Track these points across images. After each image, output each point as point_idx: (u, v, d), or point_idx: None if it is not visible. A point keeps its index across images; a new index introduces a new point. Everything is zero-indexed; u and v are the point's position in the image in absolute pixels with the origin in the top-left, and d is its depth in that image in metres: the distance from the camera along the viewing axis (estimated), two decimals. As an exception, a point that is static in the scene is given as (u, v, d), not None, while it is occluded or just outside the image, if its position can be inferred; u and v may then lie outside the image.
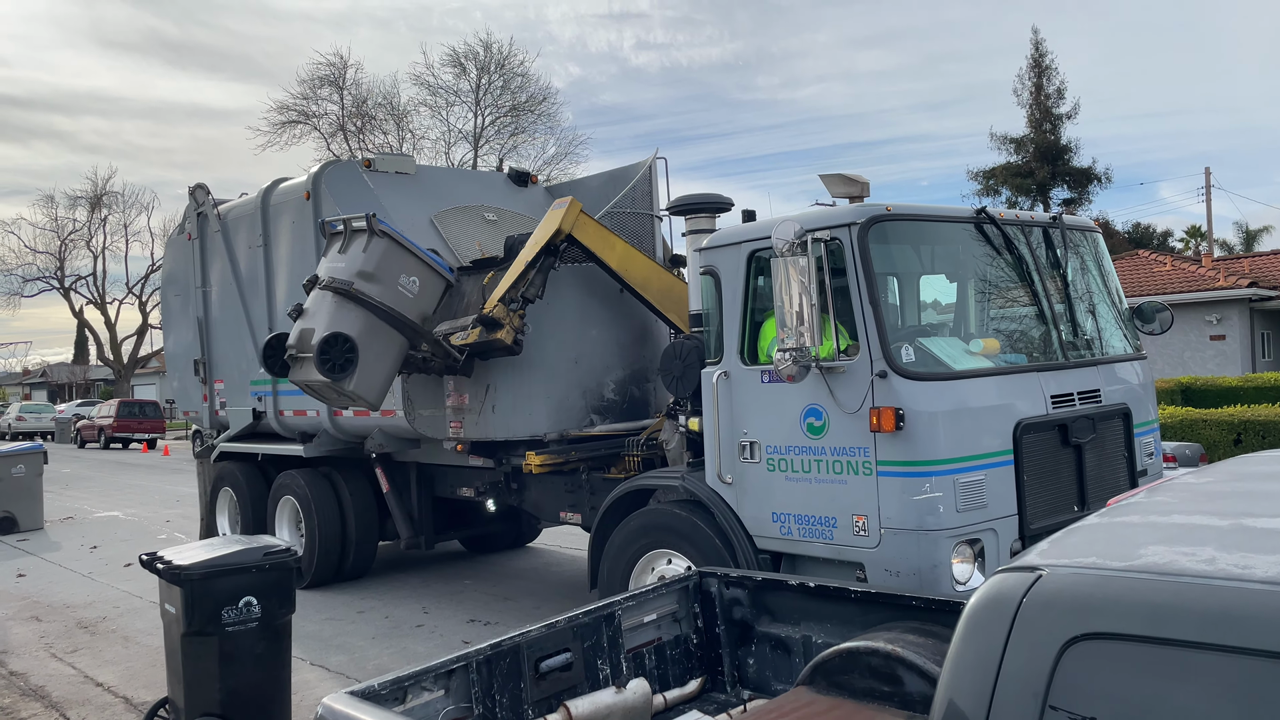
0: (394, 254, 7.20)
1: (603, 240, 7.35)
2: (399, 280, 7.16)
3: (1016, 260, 5.83)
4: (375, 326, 7.05)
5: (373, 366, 7.04)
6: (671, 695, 4.46)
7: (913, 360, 5.15)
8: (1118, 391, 5.92)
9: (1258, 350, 25.39)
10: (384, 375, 7.21)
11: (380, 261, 7.13)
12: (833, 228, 5.23)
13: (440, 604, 8.83)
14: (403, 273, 7.20)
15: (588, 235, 7.23)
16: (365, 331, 7.00)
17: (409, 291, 7.21)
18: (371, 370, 7.04)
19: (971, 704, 1.79)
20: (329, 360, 6.82)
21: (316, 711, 3.14)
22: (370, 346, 7.00)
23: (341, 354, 6.86)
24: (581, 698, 4.00)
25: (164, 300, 12.33)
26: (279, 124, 37.70)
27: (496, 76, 37.72)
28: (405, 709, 3.46)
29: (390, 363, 7.23)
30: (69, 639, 8.18)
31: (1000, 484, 5.14)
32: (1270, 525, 1.90)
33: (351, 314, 6.99)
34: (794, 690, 3.69)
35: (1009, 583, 1.85)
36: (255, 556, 5.32)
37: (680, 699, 4.48)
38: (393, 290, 7.13)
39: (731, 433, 5.74)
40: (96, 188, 54.23)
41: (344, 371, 6.85)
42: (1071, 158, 39.92)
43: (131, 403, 38.56)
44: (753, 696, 4.49)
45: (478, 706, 3.74)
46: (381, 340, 7.10)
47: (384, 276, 7.12)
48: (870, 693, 3.48)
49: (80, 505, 17.70)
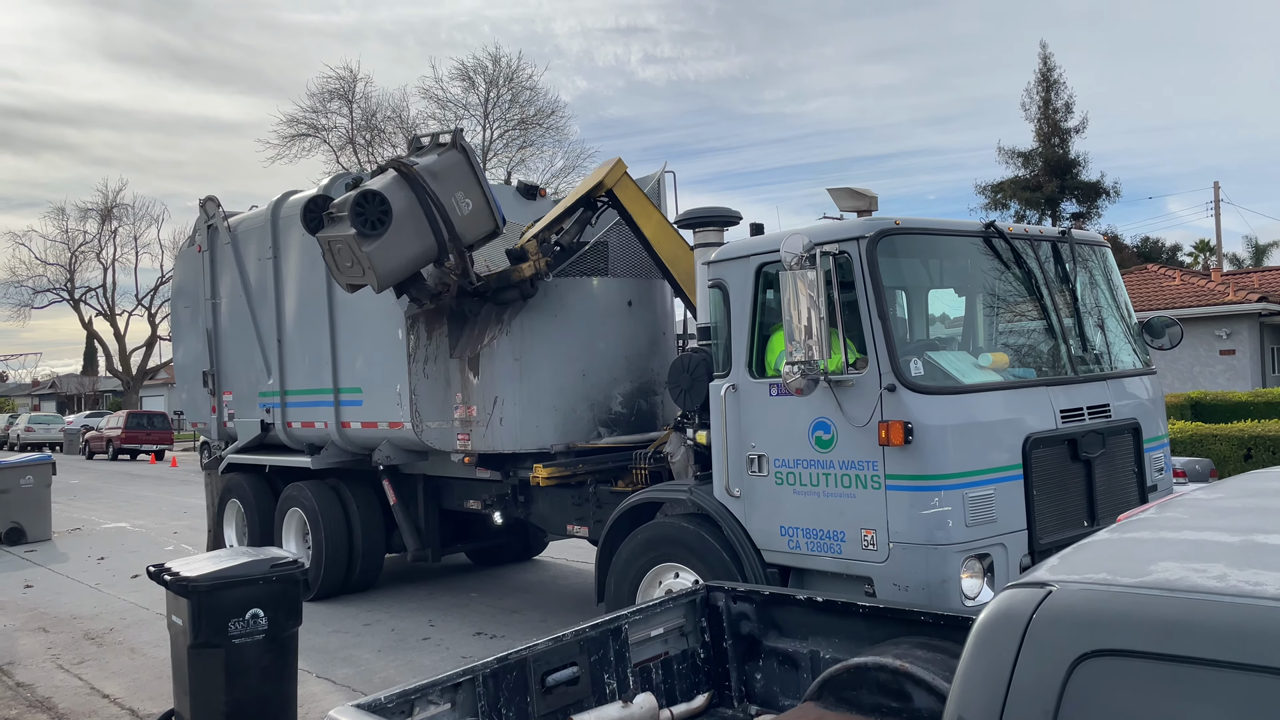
0: (461, 170, 7.35)
1: (641, 206, 7.45)
2: (455, 193, 7.26)
3: (1025, 274, 5.81)
4: (415, 212, 7.10)
5: (396, 247, 7.05)
6: (678, 710, 4.44)
7: (921, 374, 5.14)
8: (1127, 406, 5.89)
9: (1268, 365, 25.28)
10: (402, 262, 7.18)
11: (447, 168, 7.28)
12: (841, 241, 5.23)
13: (447, 617, 8.82)
14: (461, 189, 7.29)
15: (628, 196, 7.36)
16: (405, 211, 7.04)
17: (460, 208, 7.28)
18: (393, 249, 7.04)
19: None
20: (362, 213, 6.89)
21: (323, 724, 3.14)
22: (404, 227, 7.03)
23: (375, 211, 6.92)
24: (588, 712, 3.99)
25: (173, 312, 12.38)
26: (289, 137, 37.91)
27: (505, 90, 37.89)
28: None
29: (413, 254, 7.22)
30: (76, 650, 8.18)
31: (1009, 499, 5.11)
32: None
33: (401, 191, 7.06)
34: (802, 706, 3.67)
35: (1019, 599, 1.84)
36: (262, 568, 5.33)
37: (687, 714, 4.46)
38: (447, 197, 7.22)
39: (739, 446, 5.72)
40: (107, 200, 54.59)
41: (373, 230, 6.88)
42: (1080, 172, 39.89)
43: (140, 414, 38.69)
44: (760, 712, 4.46)
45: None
46: (414, 228, 7.13)
47: (445, 182, 7.22)
48: (878, 708, 3.46)
49: (88, 516, 17.73)
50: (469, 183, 7.34)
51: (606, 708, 4.04)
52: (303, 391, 9.64)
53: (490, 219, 7.47)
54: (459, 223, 7.27)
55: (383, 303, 8.40)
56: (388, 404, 8.47)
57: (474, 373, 7.78)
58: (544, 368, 7.70)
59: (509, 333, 7.66)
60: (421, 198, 7.09)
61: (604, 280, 8.12)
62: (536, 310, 7.72)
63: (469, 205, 7.33)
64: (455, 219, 7.24)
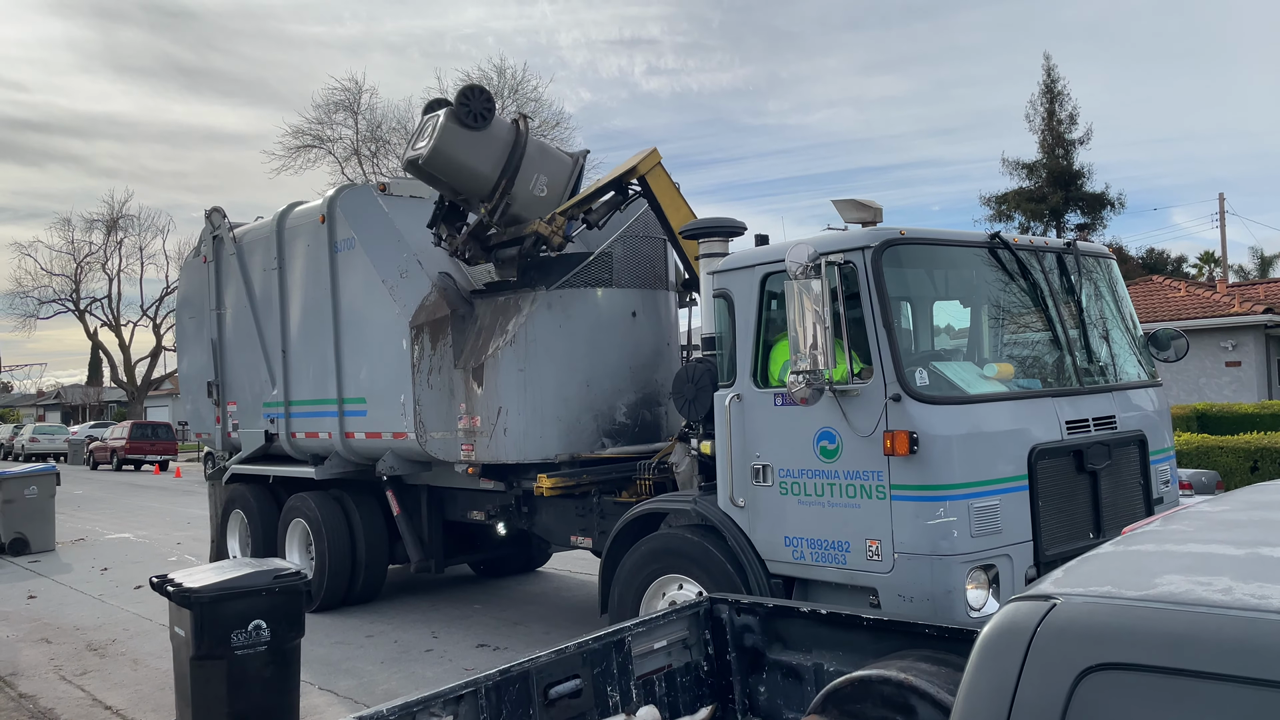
0: (560, 170, 7.98)
1: (671, 198, 7.50)
2: (539, 175, 7.85)
3: (1030, 285, 5.81)
4: (500, 150, 7.61)
5: (464, 146, 7.52)
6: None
7: (927, 384, 5.13)
8: (1133, 418, 5.88)
9: (1274, 376, 25.21)
10: (456, 160, 7.59)
11: (553, 158, 8.03)
12: (847, 251, 5.24)
13: (450, 628, 8.80)
14: (547, 177, 7.88)
15: (659, 185, 7.42)
16: (496, 138, 7.60)
17: (533, 186, 7.81)
18: (461, 145, 7.50)
19: (985, 735, 1.77)
20: (468, 106, 7.41)
21: (324, 737, 3.13)
22: (482, 145, 7.55)
23: (480, 106, 7.46)
24: (591, 725, 3.97)
25: (179, 323, 12.40)
26: (294, 148, 38.02)
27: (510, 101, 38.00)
28: (413, 735, 3.43)
29: (468, 165, 7.65)
30: (78, 661, 8.18)
31: (1015, 509, 5.10)
32: (1288, 555, 1.88)
33: (506, 127, 7.73)
34: (806, 719, 3.65)
35: (1023, 611, 1.83)
36: (265, 580, 5.33)
37: (690, 727, 4.44)
38: (532, 170, 7.78)
39: (744, 456, 5.72)
40: (113, 211, 54.79)
41: (464, 119, 7.41)
42: (1084, 183, 39.92)
43: (144, 424, 38.76)
44: (764, 725, 4.44)
45: (486, 733, 3.71)
46: (488, 155, 7.61)
47: (540, 163, 7.88)
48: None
49: (92, 527, 17.74)
50: (558, 182, 7.88)
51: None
52: (307, 402, 9.64)
53: (540, 214, 7.79)
54: (521, 191, 7.71)
55: (387, 313, 8.43)
56: (392, 415, 8.47)
57: (478, 383, 7.80)
58: (548, 378, 7.70)
59: (513, 343, 7.67)
60: (513, 150, 7.61)
61: (608, 291, 8.12)
62: (541, 320, 7.74)
63: (542, 191, 7.81)
64: (521, 187, 7.69)
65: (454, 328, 8.10)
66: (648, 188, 7.38)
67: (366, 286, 8.74)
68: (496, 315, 8.01)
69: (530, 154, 7.66)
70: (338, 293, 9.09)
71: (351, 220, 8.90)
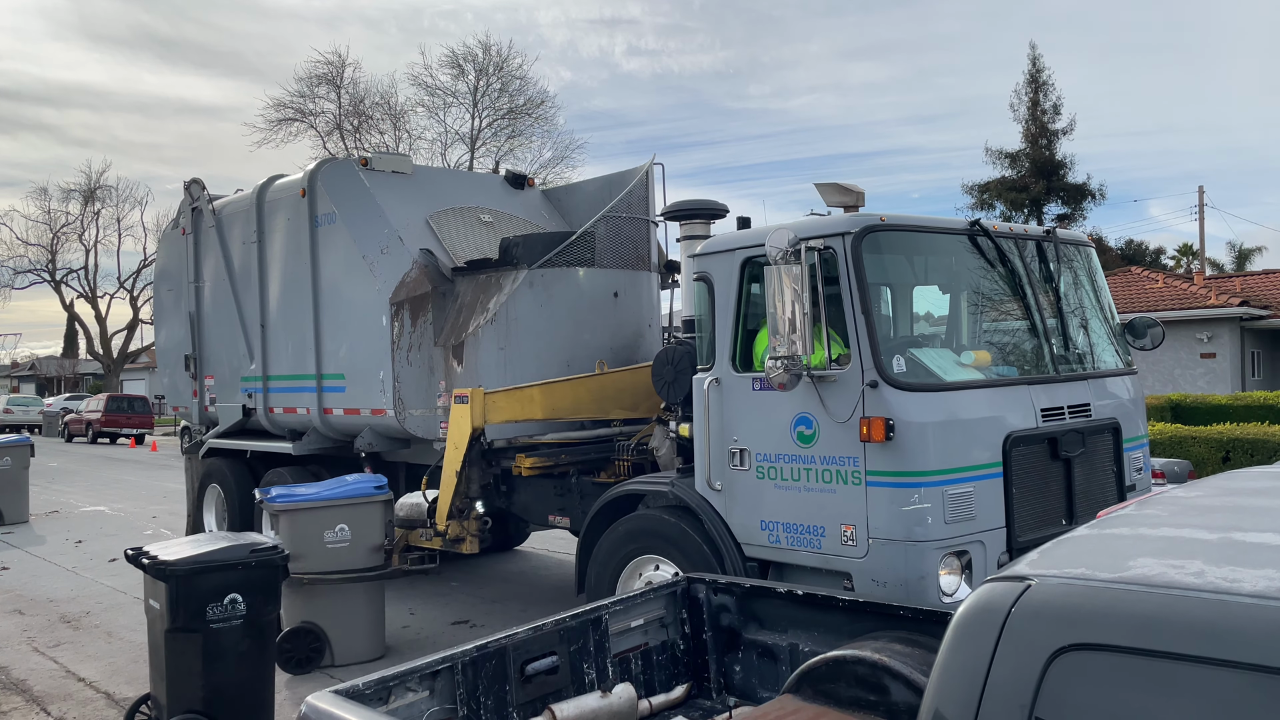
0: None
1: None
2: None
3: (1010, 273, 5.83)
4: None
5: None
6: (657, 701, 4.45)
7: (904, 371, 5.14)
8: (1108, 406, 5.92)
9: (1248, 369, 25.50)
10: None
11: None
12: (827, 236, 5.24)
13: (427, 605, 8.80)
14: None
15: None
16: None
17: None
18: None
19: (958, 713, 1.79)
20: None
21: (300, 710, 3.12)
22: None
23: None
24: (567, 701, 3.98)
25: (156, 295, 12.26)
26: (275, 121, 37.67)
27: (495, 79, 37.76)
28: (389, 709, 3.44)
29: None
30: (51, 633, 8.13)
31: (989, 496, 5.13)
32: (1259, 540, 1.91)
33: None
34: (780, 698, 3.68)
35: (998, 592, 1.85)
36: (241, 553, 5.30)
37: (666, 705, 4.47)
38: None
39: (722, 439, 5.72)
40: (90, 181, 54.07)
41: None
42: (1066, 174, 40.04)
43: (120, 397, 38.43)
44: (739, 703, 4.48)
45: (462, 708, 3.72)
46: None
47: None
48: (856, 702, 3.47)
49: (66, 499, 17.60)
50: None
51: (585, 698, 4.04)
52: (285, 377, 9.58)
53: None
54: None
55: (368, 289, 8.37)
56: (371, 391, 8.43)
57: (458, 361, 7.76)
58: (528, 357, 7.67)
59: (494, 321, 7.64)
60: None
61: (590, 270, 8.09)
62: (522, 299, 7.70)
63: None
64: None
65: (435, 305, 8.05)
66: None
67: (347, 262, 8.67)
68: (478, 293, 7.97)
69: None
70: (318, 268, 9.01)
71: (333, 194, 8.82)
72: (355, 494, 7.15)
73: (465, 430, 6.97)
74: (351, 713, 3.04)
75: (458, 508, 7.20)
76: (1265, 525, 2.02)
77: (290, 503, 6.96)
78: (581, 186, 10.04)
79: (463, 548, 7.24)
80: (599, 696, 4.05)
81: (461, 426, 6.99)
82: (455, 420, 7.03)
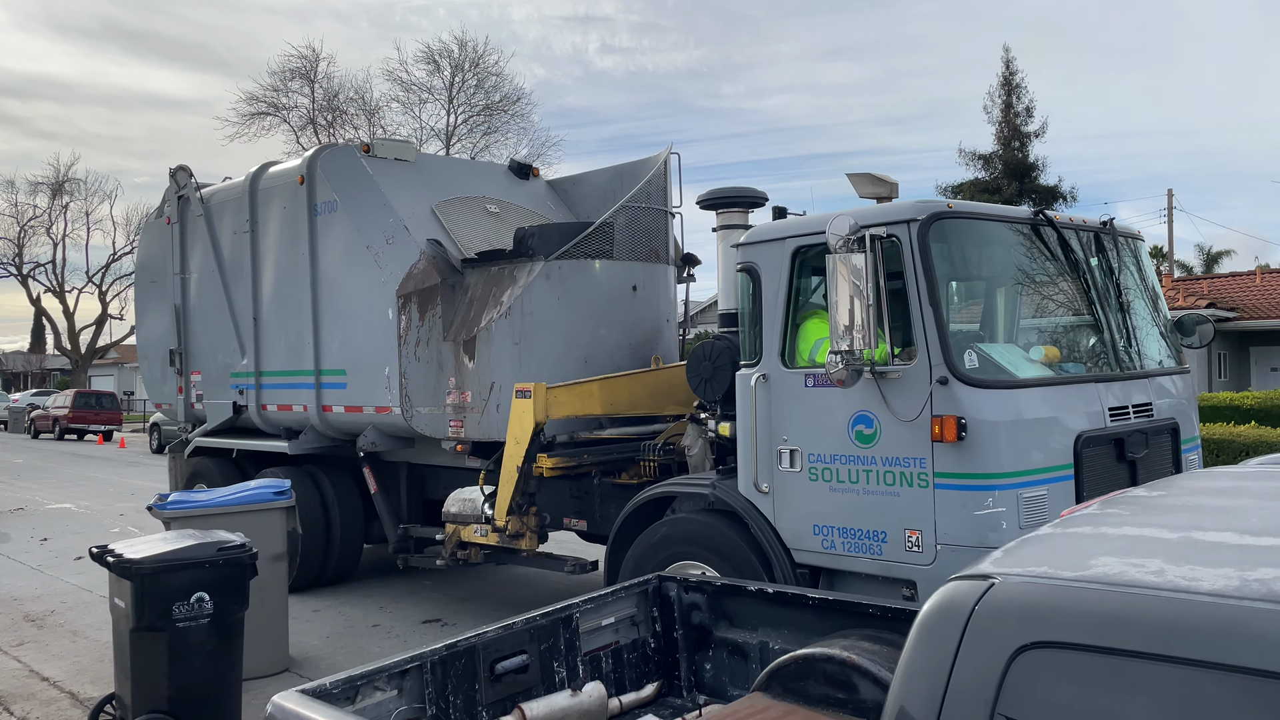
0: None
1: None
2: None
3: (1072, 265, 5.49)
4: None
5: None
6: (628, 699, 4.45)
7: (975, 366, 4.83)
8: (1166, 405, 5.60)
9: (1214, 370, 25.86)
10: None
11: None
12: (890, 224, 4.91)
13: (398, 604, 8.75)
14: None
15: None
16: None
17: None
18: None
19: (922, 710, 1.80)
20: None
21: (266, 710, 3.10)
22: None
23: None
24: (537, 700, 3.97)
25: (138, 287, 11.66)
26: (248, 115, 37.27)
27: (470, 75, 37.56)
28: (357, 708, 3.42)
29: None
30: (15, 632, 8.01)
31: (1061, 499, 4.74)
32: (1218, 539, 1.93)
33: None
34: (749, 696, 3.69)
35: (962, 590, 1.86)
36: (208, 551, 5.26)
37: (636, 703, 4.47)
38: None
39: (769, 439, 5.38)
40: (59, 174, 53.30)
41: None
42: (1039, 176, 40.41)
43: (88, 393, 37.93)
44: (708, 701, 4.48)
45: (431, 707, 3.70)
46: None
47: None
48: (825, 699, 3.49)
49: (32, 496, 17.36)
50: None
51: (555, 696, 4.04)
52: (280, 373, 9.22)
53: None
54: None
55: (372, 281, 8.05)
56: (375, 387, 8.10)
57: (469, 356, 7.44)
58: (544, 353, 7.31)
59: (508, 315, 7.27)
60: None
61: (607, 263, 7.72)
62: (538, 292, 7.34)
63: None
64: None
65: (444, 298, 7.67)
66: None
67: (349, 252, 8.32)
68: (490, 286, 7.60)
69: None
70: (317, 258, 8.64)
71: (334, 182, 8.44)
72: (253, 500, 6.86)
73: (528, 425, 6.69)
74: (318, 712, 3.01)
75: (517, 503, 6.93)
76: (1225, 525, 2.05)
77: (182, 509, 6.64)
78: (589, 177, 9.59)
79: (521, 544, 6.97)
80: (569, 695, 4.04)
81: (524, 421, 6.73)
82: (517, 415, 6.79)
